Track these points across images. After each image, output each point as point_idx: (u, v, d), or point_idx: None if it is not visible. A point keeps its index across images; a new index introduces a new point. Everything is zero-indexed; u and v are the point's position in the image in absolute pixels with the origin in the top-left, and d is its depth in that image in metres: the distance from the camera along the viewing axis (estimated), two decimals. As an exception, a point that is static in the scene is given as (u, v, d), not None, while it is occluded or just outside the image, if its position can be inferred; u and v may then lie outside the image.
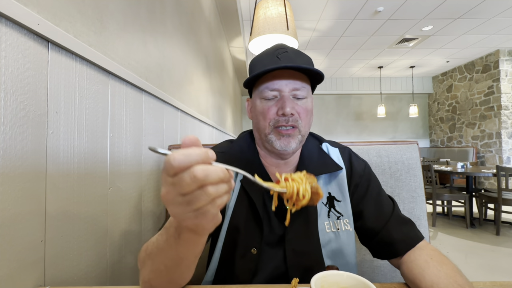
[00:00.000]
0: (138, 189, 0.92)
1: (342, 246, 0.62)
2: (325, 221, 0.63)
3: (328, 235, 0.62)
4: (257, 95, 0.64)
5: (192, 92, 1.75)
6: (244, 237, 0.61)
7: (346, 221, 0.63)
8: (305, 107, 0.62)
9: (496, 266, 2.37)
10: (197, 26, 1.96)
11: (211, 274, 0.63)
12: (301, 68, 0.58)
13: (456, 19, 3.68)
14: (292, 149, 0.61)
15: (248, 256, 0.60)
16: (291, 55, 0.61)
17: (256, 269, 0.60)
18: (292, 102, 0.60)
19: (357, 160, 0.70)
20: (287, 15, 1.45)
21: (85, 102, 0.64)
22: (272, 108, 0.61)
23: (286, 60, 0.60)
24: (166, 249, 0.41)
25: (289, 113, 0.59)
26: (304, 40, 4.38)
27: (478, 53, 5.15)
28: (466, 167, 3.72)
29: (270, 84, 0.61)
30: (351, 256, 0.63)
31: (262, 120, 0.62)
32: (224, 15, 3.21)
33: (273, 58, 0.61)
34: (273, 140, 0.61)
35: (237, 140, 0.73)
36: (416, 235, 0.59)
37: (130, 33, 0.88)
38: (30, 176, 0.49)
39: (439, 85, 6.60)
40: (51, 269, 0.54)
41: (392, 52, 5.04)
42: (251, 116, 0.69)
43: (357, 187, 0.66)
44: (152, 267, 0.43)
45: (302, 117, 0.61)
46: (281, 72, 0.60)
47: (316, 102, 7.02)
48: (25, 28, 0.48)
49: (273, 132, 0.61)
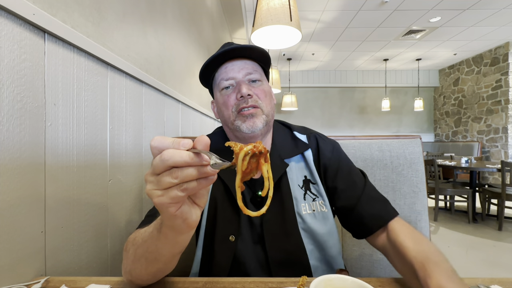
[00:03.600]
0: (139, 181, 0.92)
1: (320, 227, 0.63)
2: (301, 203, 0.64)
3: (304, 216, 0.63)
4: (216, 89, 0.68)
5: (193, 84, 1.73)
6: (221, 224, 0.63)
7: (321, 202, 0.65)
8: (262, 89, 0.65)
9: (498, 261, 2.37)
10: (198, 17, 1.93)
11: (196, 265, 0.64)
12: (243, 47, 0.62)
13: (465, 10, 3.58)
14: (259, 129, 0.63)
15: (226, 243, 0.62)
16: (238, 46, 0.64)
17: (235, 256, 0.61)
18: (248, 85, 0.64)
19: (324, 143, 0.71)
20: (291, 5, 1.42)
21: (83, 94, 0.64)
22: (231, 95, 0.64)
23: (233, 50, 0.63)
24: (149, 242, 0.42)
25: (246, 93, 0.62)
26: (308, 31, 4.30)
27: (487, 45, 5.02)
28: (471, 162, 3.68)
29: (224, 75, 0.65)
30: (330, 236, 0.64)
31: (225, 109, 0.65)
32: (226, 5, 3.15)
33: (220, 51, 0.64)
34: (239, 125, 0.63)
35: (212, 134, 0.75)
36: (388, 213, 0.61)
37: (129, 24, 0.87)
38: (28, 167, 0.49)
39: (446, 79, 6.48)
40: (52, 260, 0.55)
41: (398, 44, 4.94)
42: (217, 114, 0.71)
43: (326, 168, 0.68)
44: (133, 258, 0.44)
45: (261, 98, 0.64)
46: (232, 62, 0.65)
47: (320, 95, 6.95)
48: (20, 18, 0.47)
49: (237, 117, 0.63)
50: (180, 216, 0.34)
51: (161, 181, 0.31)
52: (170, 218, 0.35)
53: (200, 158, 0.31)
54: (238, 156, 0.32)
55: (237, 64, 0.65)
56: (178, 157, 0.30)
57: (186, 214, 0.34)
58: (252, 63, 0.66)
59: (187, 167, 0.31)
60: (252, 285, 0.48)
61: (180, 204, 0.34)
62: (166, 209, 0.33)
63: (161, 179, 0.31)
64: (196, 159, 0.31)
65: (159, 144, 0.31)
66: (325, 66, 6.47)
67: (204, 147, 0.32)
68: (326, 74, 6.87)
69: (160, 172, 0.31)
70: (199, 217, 0.37)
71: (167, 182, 0.31)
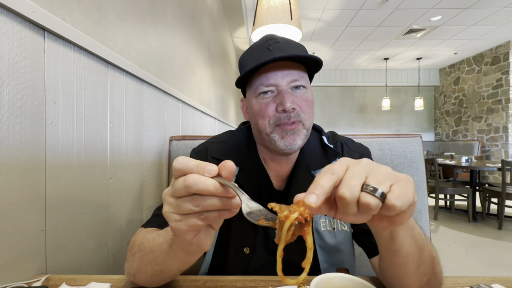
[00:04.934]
0: (140, 179, 0.92)
1: (338, 246, 0.59)
2: (321, 219, 0.60)
3: (323, 233, 0.60)
4: (252, 93, 0.59)
5: (194, 83, 1.73)
6: (236, 236, 0.60)
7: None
8: (306, 98, 0.57)
9: (498, 260, 2.37)
10: (199, 16, 1.92)
11: (205, 267, 0.63)
12: (297, 56, 0.54)
13: (465, 8, 3.57)
14: (298, 146, 0.57)
15: (240, 255, 0.60)
16: (283, 44, 0.57)
17: (247, 269, 0.59)
18: (291, 96, 0.55)
19: (350, 153, 0.65)
20: (291, 4, 1.42)
21: (84, 92, 0.64)
22: (270, 105, 0.56)
23: (278, 51, 0.55)
24: (157, 253, 0.41)
25: (290, 108, 0.54)
26: (309, 30, 4.29)
27: (487, 44, 5.01)
28: (471, 161, 3.68)
29: (264, 79, 0.55)
30: (348, 255, 0.61)
31: (261, 119, 0.57)
32: (227, 4, 3.14)
33: (264, 51, 0.56)
34: (276, 140, 0.56)
35: (236, 132, 0.71)
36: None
37: (129, 22, 0.87)
38: (29, 166, 0.49)
39: (446, 78, 6.47)
40: (52, 258, 0.55)
41: (399, 43, 4.93)
42: (248, 117, 0.64)
43: None
44: (139, 264, 0.44)
45: (304, 110, 0.56)
46: (275, 65, 0.55)
47: (320, 94, 6.94)
48: (20, 16, 0.47)
49: (275, 130, 0.56)
50: (196, 242, 0.33)
51: (181, 206, 0.30)
52: (185, 243, 0.34)
53: (226, 190, 0.29)
54: (283, 225, 0.29)
55: (280, 68, 0.55)
56: (202, 185, 0.28)
57: (201, 241, 0.33)
58: (298, 67, 0.57)
59: (210, 197, 0.29)
60: (253, 283, 0.48)
61: (198, 232, 0.32)
62: (183, 236, 0.32)
63: (182, 204, 0.30)
64: (221, 189, 0.29)
65: (182, 167, 0.29)
66: (325, 65, 6.46)
67: (229, 174, 0.30)
68: (326, 73, 6.86)
69: (180, 196, 0.30)
70: (213, 240, 0.36)
71: (188, 209, 0.29)
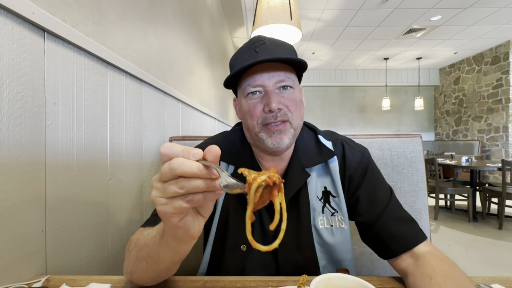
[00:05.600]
0: (139, 180, 0.92)
1: (336, 243, 0.60)
2: (319, 216, 0.61)
3: (321, 231, 0.60)
4: (241, 93, 0.60)
5: (193, 83, 1.73)
6: (233, 233, 0.60)
7: (340, 218, 0.61)
8: (293, 98, 0.58)
9: (498, 260, 2.37)
10: (198, 16, 1.92)
11: (204, 267, 0.63)
12: (281, 59, 0.55)
13: (465, 8, 3.57)
14: (286, 145, 0.58)
15: (237, 252, 0.60)
16: (270, 46, 0.57)
17: (245, 266, 0.59)
18: (278, 96, 0.56)
19: (351, 151, 0.65)
20: (291, 4, 1.42)
21: (83, 93, 0.64)
22: (257, 105, 0.57)
23: (265, 52, 0.56)
24: (150, 246, 0.41)
25: (276, 108, 0.55)
26: (308, 30, 4.29)
27: (487, 44, 5.01)
28: (471, 161, 3.68)
29: (251, 80, 0.57)
30: (346, 253, 0.61)
31: (250, 119, 0.59)
32: (227, 4, 3.14)
33: (251, 52, 0.57)
34: (264, 139, 0.58)
35: (230, 132, 0.71)
36: (416, 235, 0.54)
37: (129, 23, 0.87)
38: (29, 167, 0.49)
39: (446, 77, 6.47)
40: (52, 259, 0.55)
41: (399, 43, 4.93)
42: (240, 116, 0.66)
43: (351, 179, 0.63)
44: (135, 260, 0.44)
45: (291, 110, 0.58)
46: (261, 66, 0.56)
47: (320, 94, 6.94)
48: (19, 17, 0.47)
49: (263, 130, 0.58)
50: (182, 227, 0.33)
51: (166, 189, 0.31)
52: (172, 227, 0.34)
53: (209, 171, 0.30)
54: (251, 187, 0.30)
55: (267, 70, 0.56)
56: (187, 167, 0.29)
57: (188, 225, 0.34)
58: (285, 68, 0.58)
59: (194, 179, 0.30)
60: (253, 284, 0.48)
61: (184, 215, 0.33)
62: (169, 219, 0.32)
63: (167, 187, 0.31)
64: (205, 171, 0.30)
65: (169, 152, 0.31)
66: (325, 65, 6.46)
67: (214, 158, 0.30)
68: (326, 73, 6.86)
69: (167, 180, 0.31)
70: (202, 228, 0.36)
71: (173, 191, 0.30)
